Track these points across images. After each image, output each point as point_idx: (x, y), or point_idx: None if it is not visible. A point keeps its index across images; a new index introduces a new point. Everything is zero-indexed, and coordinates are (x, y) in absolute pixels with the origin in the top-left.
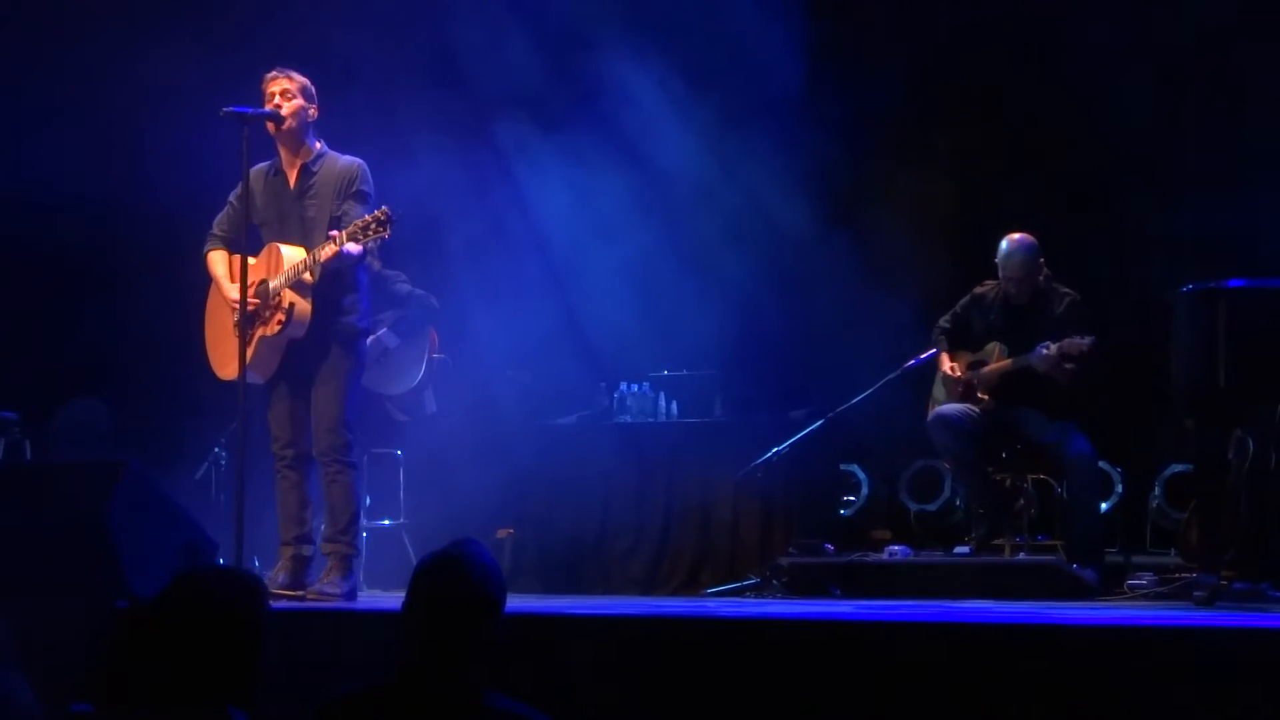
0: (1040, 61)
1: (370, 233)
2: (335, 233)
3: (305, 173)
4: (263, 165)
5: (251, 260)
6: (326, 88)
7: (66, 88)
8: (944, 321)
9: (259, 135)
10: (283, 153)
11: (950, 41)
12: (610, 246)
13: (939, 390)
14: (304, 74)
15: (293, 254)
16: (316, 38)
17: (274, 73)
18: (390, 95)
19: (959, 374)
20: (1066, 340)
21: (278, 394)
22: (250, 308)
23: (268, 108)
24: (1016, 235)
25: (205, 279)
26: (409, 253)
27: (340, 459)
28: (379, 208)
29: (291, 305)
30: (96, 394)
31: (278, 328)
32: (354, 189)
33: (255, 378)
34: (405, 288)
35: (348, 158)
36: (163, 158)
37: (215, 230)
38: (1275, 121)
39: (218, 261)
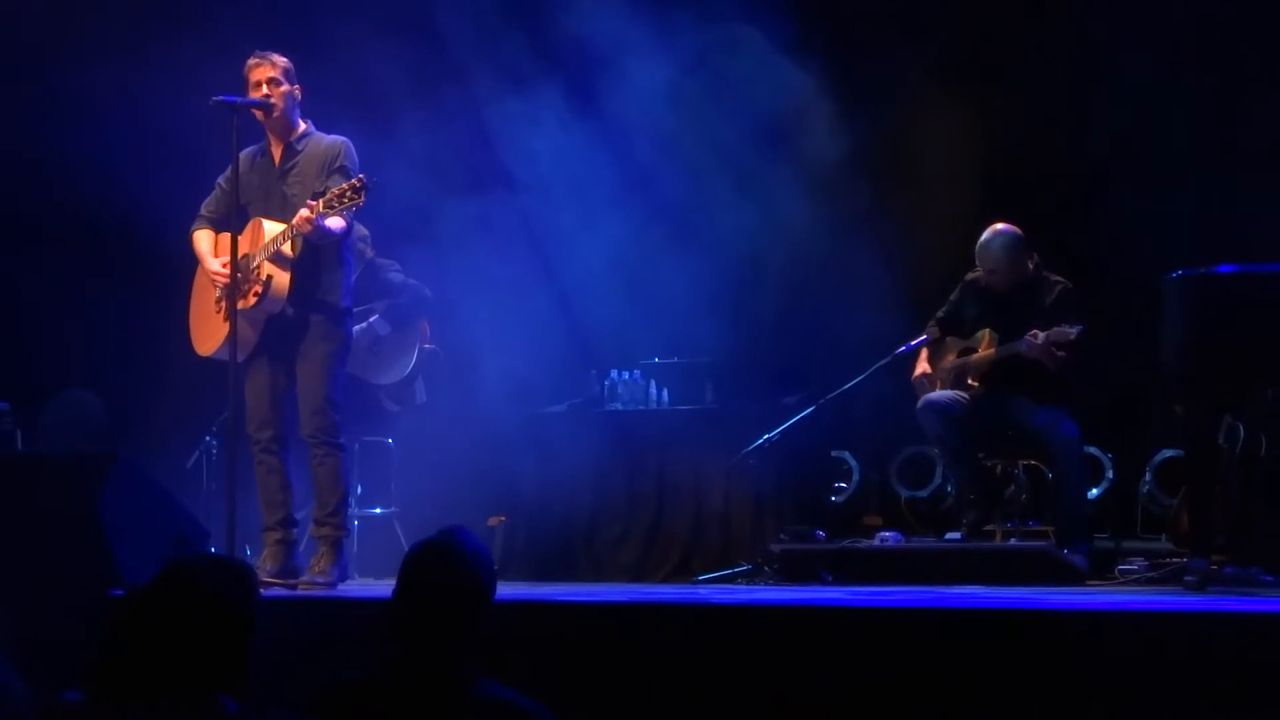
0: (1037, 49)
1: (345, 200)
2: (311, 201)
3: (289, 151)
4: (251, 149)
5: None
6: (306, 67)
7: (57, 79)
8: (940, 313)
9: (246, 120)
10: (271, 136)
11: (945, 26)
12: (600, 233)
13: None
14: (286, 54)
15: (274, 228)
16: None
17: (255, 59)
18: (370, 70)
19: (922, 370)
20: (1054, 329)
21: (256, 372)
22: (230, 281)
23: (256, 97)
24: (999, 225)
25: (195, 267)
26: (397, 240)
27: (328, 440)
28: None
29: (269, 278)
30: (88, 384)
31: (254, 300)
32: (337, 165)
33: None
34: (398, 277)
35: (332, 136)
36: (151, 146)
37: (202, 211)
38: (1267, 107)
39: (202, 239)
